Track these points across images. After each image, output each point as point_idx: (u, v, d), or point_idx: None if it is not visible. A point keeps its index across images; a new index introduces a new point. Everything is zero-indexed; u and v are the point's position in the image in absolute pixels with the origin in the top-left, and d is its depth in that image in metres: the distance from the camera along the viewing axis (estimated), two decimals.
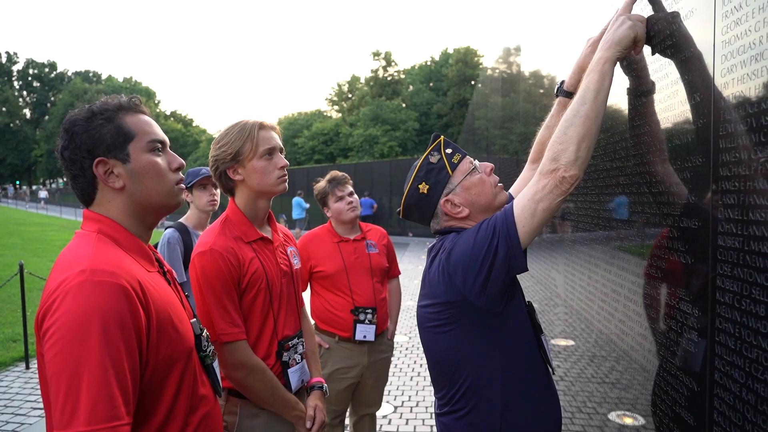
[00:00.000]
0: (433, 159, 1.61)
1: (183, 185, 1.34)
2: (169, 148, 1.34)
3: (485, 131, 9.45)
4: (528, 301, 1.62)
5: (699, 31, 1.11)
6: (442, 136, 1.66)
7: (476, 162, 1.63)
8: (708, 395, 1.05)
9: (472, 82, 39.41)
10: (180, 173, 1.34)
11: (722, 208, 0.99)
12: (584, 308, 2.11)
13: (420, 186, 1.60)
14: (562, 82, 1.74)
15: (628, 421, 1.60)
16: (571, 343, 2.50)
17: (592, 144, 1.31)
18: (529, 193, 1.36)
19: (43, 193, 47.24)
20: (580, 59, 1.64)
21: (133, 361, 1.08)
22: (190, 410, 1.25)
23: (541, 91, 3.45)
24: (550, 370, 1.61)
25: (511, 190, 1.88)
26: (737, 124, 0.95)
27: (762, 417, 0.87)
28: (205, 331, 1.40)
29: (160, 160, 1.29)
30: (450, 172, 1.58)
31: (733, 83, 0.96)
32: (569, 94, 1.69)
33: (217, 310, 1.73)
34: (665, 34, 1.27)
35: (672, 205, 1.24)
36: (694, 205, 1.14)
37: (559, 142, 1.32)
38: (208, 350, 1.37)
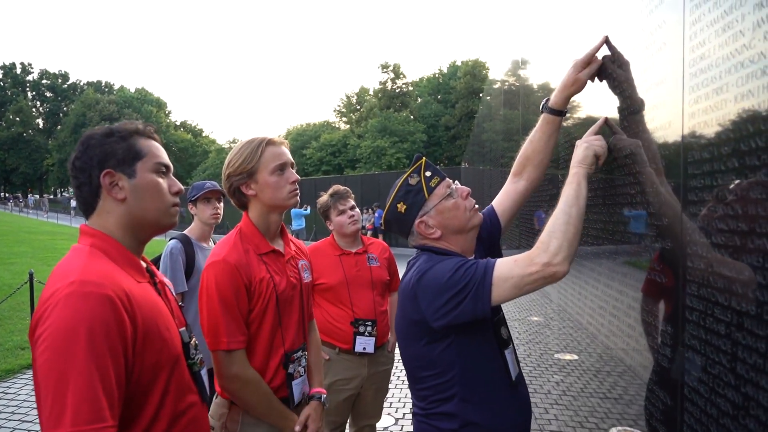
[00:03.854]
0: (412, 181, 1.69)
1: (179, 208, 1.45)
2: (172, 174, 1.45)
3: (492, 143, 9.50)
4: (499, 314, 1.68)
5: (669, 64, 1.17)
6: (423, 158, 1.73)
7: (454, 186, 1.70)
8: (679, 409, 1.10)
9: (480, 95, 39.58)
10: (177, 198, 1.44)
11: (690, 230, 1.05)
12: (589, 323, 2.14)
13: (398, 205, 1.69)
14: (547, 99, 1.79)
15: None
16: (575, 357, 2.52)
17: (579, 240, 1.44)
18: (518, 269, 1.44)
19: (74, 202, 47.61)
20: (564, 78, 1.72)
21: (118, 367, 1.14)
22: (176, 415, 1.31)
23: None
24: (513, 381, 1.64)
25: (493, 202, 1.93)
26: (702, 152, 1.01)
27: (723, 430, 0.91)
28: (193, 339, 1.46)
29: (162, 181, 1.40)
30: (426, 195, 1.67)
31: (699, 113, 1.02)
32: (553, 111, 1.76)
33: (224, 319, 1.79)
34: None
35: (658, 226, 1.30)
36: (668, 227, 1.19)
37: (555, 238, 1.42)
38: (196, 358, 1.43)
